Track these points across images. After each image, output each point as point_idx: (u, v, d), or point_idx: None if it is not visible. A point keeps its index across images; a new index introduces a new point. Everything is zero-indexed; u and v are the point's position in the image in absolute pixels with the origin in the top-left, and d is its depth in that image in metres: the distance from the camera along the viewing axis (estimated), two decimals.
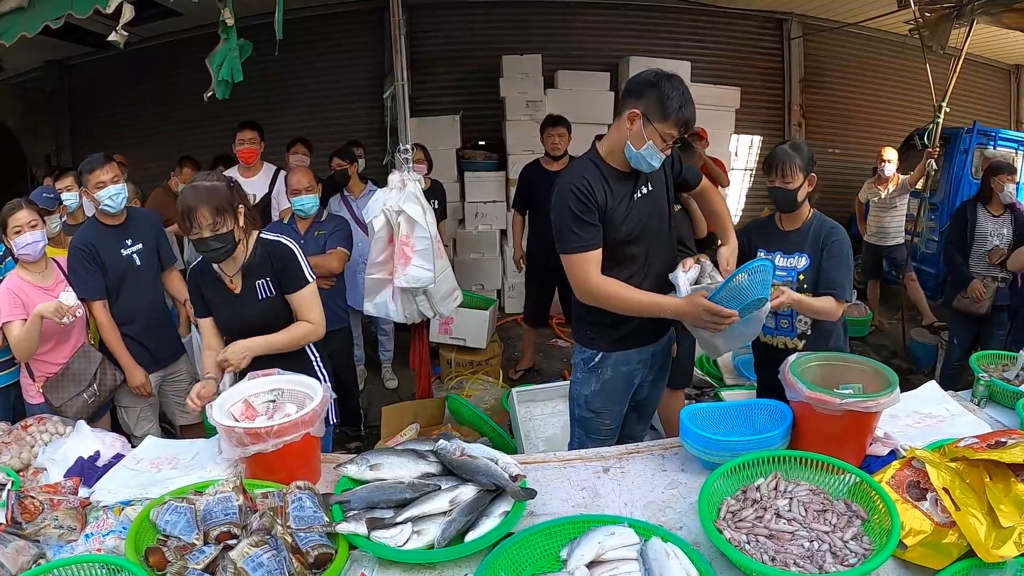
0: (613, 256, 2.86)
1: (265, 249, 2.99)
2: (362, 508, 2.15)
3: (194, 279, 3.07)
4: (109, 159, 3.74)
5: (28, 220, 3.49)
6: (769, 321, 3.32)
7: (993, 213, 5.27)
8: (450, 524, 2.08)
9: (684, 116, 2.68)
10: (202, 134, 8.42)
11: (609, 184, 2.81)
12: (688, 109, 2.69)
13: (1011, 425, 2.71)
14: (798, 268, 3.22)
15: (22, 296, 3.48)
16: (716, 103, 8.92)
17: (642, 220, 2.89)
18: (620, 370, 3.05)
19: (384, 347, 6.42)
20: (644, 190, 2.91)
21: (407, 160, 4.35)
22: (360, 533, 2.02)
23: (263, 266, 2.97)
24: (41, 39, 3.83)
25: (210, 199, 2.76)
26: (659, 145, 2.70)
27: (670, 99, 2.66)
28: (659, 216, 2.99)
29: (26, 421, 3.01)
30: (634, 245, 2.90)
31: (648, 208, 2.93)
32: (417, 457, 2.38)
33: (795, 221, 3.30)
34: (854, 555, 1.89)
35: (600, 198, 2.77)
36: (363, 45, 9.13)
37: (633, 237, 2.87)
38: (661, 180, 2.99)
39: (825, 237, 3.20)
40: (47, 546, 2.11)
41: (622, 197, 2.83)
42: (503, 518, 2.12)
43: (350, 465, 2.34)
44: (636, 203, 2.88)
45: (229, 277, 2.98)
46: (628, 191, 2.86)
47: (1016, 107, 11.22)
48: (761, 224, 3.49)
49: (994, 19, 6.25)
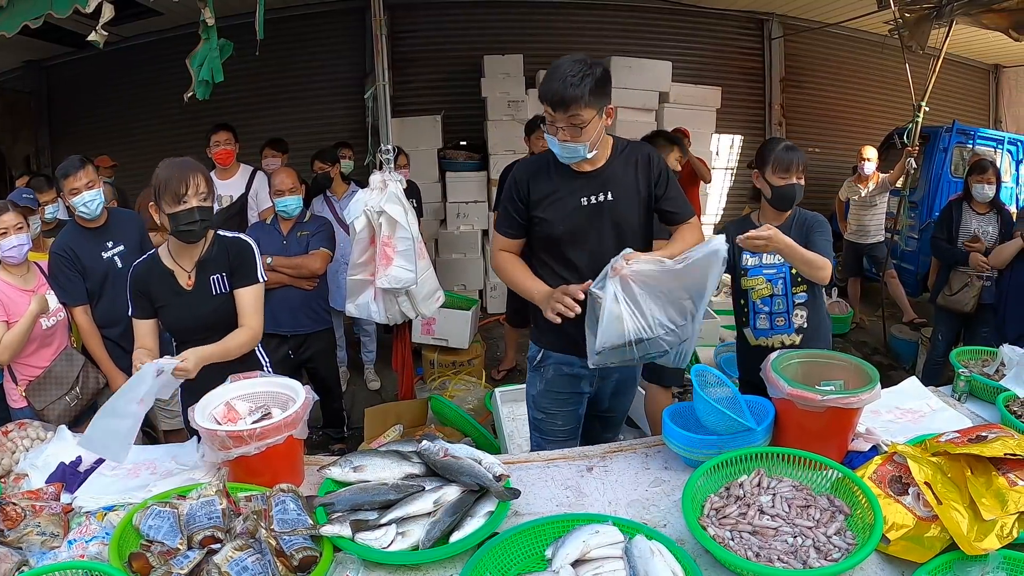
0: (551, 253, 2.86)
1: (222, 244, 2.94)
2: (346, 510, 2.14)
3: (139, 278, 2.92)
4: (84, 163, 3.67)
5: (14, 223, 3.45)
6: (763, 322, 3.34)
7: (978, 212, 5.32)
8: (434, 525, 2.06)
9: (545, 93, 2.59)
10: (183, 134, 8.37)
11: (555, 180, 2.77)
12: (549, 83, 2.57)
13: (991, 420, 2.73)
14: (787, 264, 3.24)
15: (3, 298, 3.46)
16: (697, 103, 8.97)
17: (587, 227, 2.80)
18: (563, 370, 2.97)
19: (367, 348, 6.41)
20: (600, 198, 2.79)
21: (389, 161, 4.34)
22: (344, 535, 2.00)
23: (219, 261, 2.90)
24: (20, 39, 3.80)
25: (203, 169, 2.77)
26: (551, 132, 2.64)
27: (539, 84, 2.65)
28: (614, 229, 2.82)
29: (7, 427, 2.98)
30: (573, 248, 2.82)
31: (601, 217, 2.80)
32: (401, 458, 2.37)
33: (776, 219, 3.30)
34: (838, 550, 1.90)
35: (535, 192, 2.78)
36: (344, 45, 9.11)
37: (570, 239, 2.80)
38: (632, 195, 2.84)
39: (810, 226, 3.26)
40: (30, 553, 2.09)
41: (565, 196, 2.77)
42: (487, 518, 2.11)
43: (333, 467, 2.33)
44: (584, 208, 2.78)
45: (186, 272, 2.89)
46: (576, 192, 2.77)
47: (995, 106, 11.32)
48: (741, 225, 3.41)
49: (973, 19, 6.30)
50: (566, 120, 2.58)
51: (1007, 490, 2.01)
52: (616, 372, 3.04)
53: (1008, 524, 1.91)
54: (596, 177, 2.78)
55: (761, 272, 3.32)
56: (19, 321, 3.44)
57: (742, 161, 10.03)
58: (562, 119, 2.58)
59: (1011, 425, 2.54)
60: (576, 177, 2.77)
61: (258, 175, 5.56)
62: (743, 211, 9.91)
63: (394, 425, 4.45)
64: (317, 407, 2.59)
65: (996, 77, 11.28)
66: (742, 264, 3.35)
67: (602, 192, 2.78)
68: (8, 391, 3.67)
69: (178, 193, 2.69)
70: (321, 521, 2.06)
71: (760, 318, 3.35)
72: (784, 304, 3.28)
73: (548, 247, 2.86)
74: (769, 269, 3.29)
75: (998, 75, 11.26)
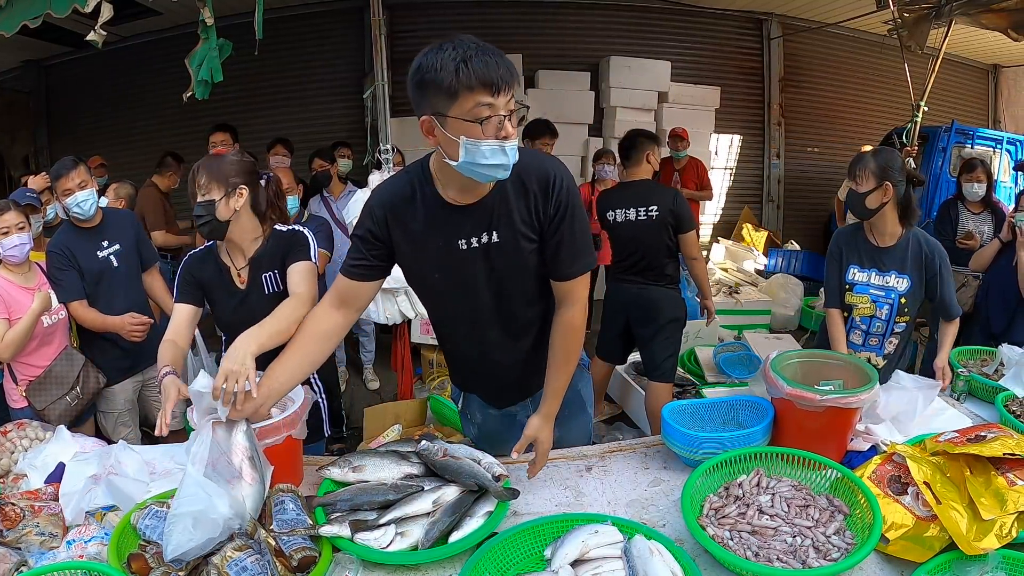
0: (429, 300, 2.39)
1: (277, 239, 2.80)
2: (345, 510, 2.13)
3: (192, 266, 2.81)
4: (77, 163, 3.68)
5: (16, 222, 3.45)
6: (857, 337, 3.35)
7: (973, 211, 5.34)
8: (433, 525, 2.05)
9: (476, 74, 1.79)
10: (182, 134, 8.36)
11: (421, 213, 2.12)
12: (477, 62, 1.78)
13: (990, 419, 2.73)
14: (899, 290, 3.22)
15: (6, 296, 3.46)
16: (697, 103, 9.00)
17: (470, 279, 2.19)
18: (489, 412, 2.60)
19: (365, 348, 6.40)
20: (482, 239, 2.11)
21: (388, 160, 4.34)
22: (343, 535, 2.00)
23: (272, 257, 2.76)
24: (18, 38, 3.80)
25: (208, 163, 2.68)
26: (479, 133, 1.85)
27: (441, 70, 1.80)
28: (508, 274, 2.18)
29: (6, 427, 2.97)
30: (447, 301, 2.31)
31: (485, 265, 2.16)
32: (400, 458, 2.36)
33: (888, 236, 3.26)
34: (837, 549, 1.89)
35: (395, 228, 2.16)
36: (343, 45, 9.11)
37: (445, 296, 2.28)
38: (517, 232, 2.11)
39: (929, 259, 3.19)
40: (28, 553, 2.08)
41: (436, 236, 2.13)
42: (487, 518, 2.10)
43: (333, 468, 2.31)
44: (463, 253, 2.13)
45: (236, 270, 2.80)
46: (452, 232, 2.11)
47: (993, 106, 11.33)
48: (850, 234, 3.39)
49: (972, 19, 6.32)
50: (507, 106, 1.87)
51: (1006, 490, 2.01)
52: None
53: (1007, 524, 1.91)
54: (476, 212, 2.10)
55: (868, 291, 3.29)
56: (22, 319, 3.44)
57: (741, 161, 10.04)
58: (504, 104, 1.86)
59: (1010, 425, 2.54)
60: (449, 213, 2.11)
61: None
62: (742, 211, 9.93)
63: (393, 425, 4.44)
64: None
65: (995, 77, 11.29)
66: (848, 277, 3.33)
67: (486, 232, 2.11)
68: (8, 391, 3.67)
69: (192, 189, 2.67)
70: (321, 521, 2.05)
71: (855, 333, 3.37)
72: (884, 328, 3.30)
73: (432, 304, 2.40)
74: (877, 291, 3.26)
75: (997, 75, 11.27)
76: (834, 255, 3.39)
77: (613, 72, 8.74)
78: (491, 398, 2.57)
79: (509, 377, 2.45)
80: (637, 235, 4.50)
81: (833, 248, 3.42)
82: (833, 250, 3.41)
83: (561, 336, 2.24)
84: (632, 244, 4.58)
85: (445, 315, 2.40)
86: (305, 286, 2.60)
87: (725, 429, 2.61)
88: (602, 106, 9.05)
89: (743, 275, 7.91)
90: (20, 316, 3.45)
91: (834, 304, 3.39)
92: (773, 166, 10.13)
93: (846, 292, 3.34)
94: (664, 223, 4.45)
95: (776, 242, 9.27)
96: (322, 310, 2.29)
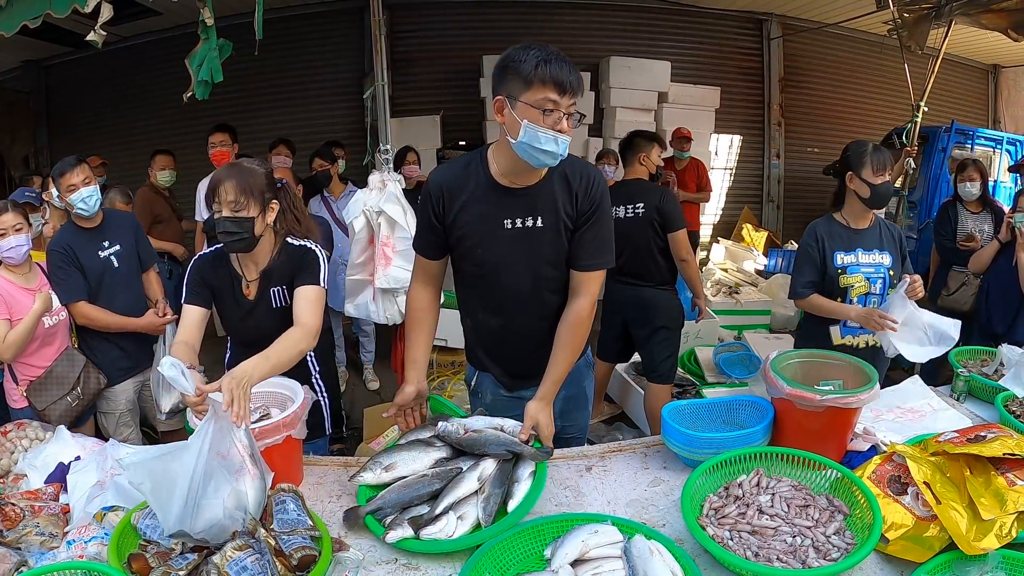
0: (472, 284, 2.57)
1: (288, 253, 2.75)
2: (396, 511, 2.13)
3: (202, 268, 2.76)
4: (80, 161, 3.69)
5: (13, 223, 3.44)
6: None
7: (972, 211, 5.34)
8: (488, 500, 2.11)
9: (551, 73, 2.13)
10: (182, 134, 8.36)
11: (476, 194, 2.39)
12: (555, 65, 2.13)
13: (990, 419, 2.73)
14: (885, 264, 3.40)
15: (7, 297, 3.46)
16: (696, 103, 9.00)
17: (510, 257, 2.43)
18: (501, 394, 2.74)
19: (365, 348, 6.40)
20: (527, 222, 2.38)
21: (387, 161, 4.34)
22: (408, 536, 2.01)
23: (281, 272, 2.74)
24: (18, 39, 3.80)
25: (239, 177, 2.57)
26: (540, 120, 2.16)
27: (524, 62, 2.15)
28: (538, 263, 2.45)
29: (6, 427, 2.97)
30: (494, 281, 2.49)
31: (526, 247, 2.41)
32: (425, 446, 2.36)
33: (865, 220, 3.44)
34: (837, 549, 1.89)
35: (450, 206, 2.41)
36: (343, 45, 9.12)
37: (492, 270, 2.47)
38: (558, 220, 2.40)
39: (899, 236, 3.47)
40: (29, 553, 2.08)
41: (488, 215, 2.39)
42: (533, 478, 2.20)
43: (364, 473, 2.29)
44: (508, 232, 2.39)
45: (247, 281, 2.77)
46: (501, 212, 2.39)
47: (993, 106, 11.33)
48: (824, 225, 3.52)
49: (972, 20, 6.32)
50: (569, 108, 2.20)
51: (1006, 490, 2.01)
52: (563, 390, 2.58)
53: (1007, 524, 1.91)
54: (526, 196, 2.38)
55: (860, 270, 3.41)
56: (23, 319, 3.44)
57: (741, 161, 10.04)
58: (566, 105, 2.19)
59: (1010, 425, 2.54)
60: (502, 194, 2.39)
61: None
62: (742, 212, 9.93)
63: (393, 425, 4.44)
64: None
65: (995, 77, 11.30)
66: (836, 263, 3.42)
67: (530, 216, 2.39)
68: (8, 391, 3.67)
69: (211, 201, 2.62)
70: (378, 532, 2.05)
71: None
72: (879, 302, 3.35)
73: (468, 276, 2.56)
74: (868, 268, 3.40)
75: (997, 75, 11.27)
76: (812, 246, 3.47)
77: (613, 72, 8.74)
78: (507, 377, 2.70)
79: (529, 357, 2.57)
80: (626, 232, 4.48)
81: (810, 240, 3.49)
82: (810, 242, 3.48)
83: (569, 325, 2.45)
84: (622, 242, 4.56)
85: (482, 291, 2.55)
86: (311, 317, 2.58)
87: (725, 429, 2.61)
88: (602, 106, 9.06)
89: (743, 275, 7.91)
90: (21, 317, 3.45)
91: (809, 289, 3.47)
92: (773, 166, 10.14)
93: (840, 276, 3.41)
94: (650, 220, 4.46)
95: (776, 242, 9.28)
96: (416, 291, 2.62)
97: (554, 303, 2.51)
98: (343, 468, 2.57)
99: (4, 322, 3.43)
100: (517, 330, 2.57)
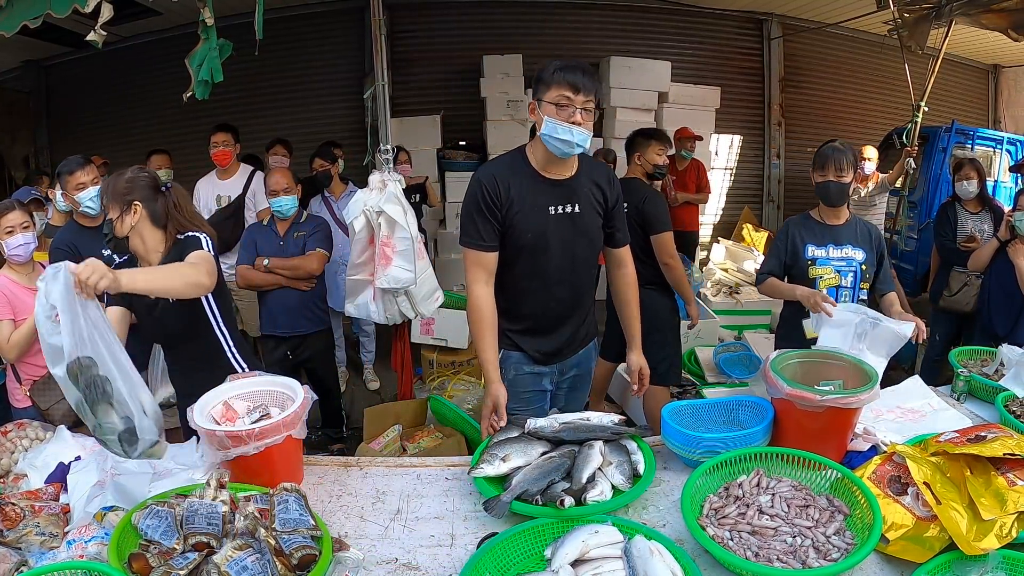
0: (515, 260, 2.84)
1: (177, 247, 2.86)
2: (540, 490, 2.22)
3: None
4: (88, 161, 3.73)
5: (20, 221, 3.46)
6: None
7: (971, 211, 5.34)
8: (622, 465, 2.34)
9: (565, 76, 2.56)
10: (182, 134, 8.37)
11: (524, 185, 2.74)
12: (572, 71, 2.57)
13: (990, 419, 2.74)
14: (857, 260, 3.47)
15: (10, 296, 3.46)
16: (697, 103, 8.99)
17: (554, 238, 2.80)
18: (523, 369, 3.01)
19: (366, 348, 6.41)
20: (568, 208, 2.80)
21: (388, 160, 4.34)
22: (571, 505, 2.15)
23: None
24: (18, 38, 3.79)
25: (105, 183, 2.88)
26: (558, 115, 2.59)
27: (546, 69, 2.61)
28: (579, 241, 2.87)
29: (6, 427, 2.98)
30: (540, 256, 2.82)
31: (568, 229, 2.83)
32: (526, 442, 2.46)
33: (838, 217, 3.55)
34: (837, 550, 1.90)
35: (505, 196, 2.72)
36: (344, 45, 9.11)
37: (540, 248, 2.80)
38: (593, 210, 2.87)
39: (877, 238, 3.54)
40: (29, 553, 2.08)
41: (535, 203, 2.75)
42: (641, 451, 2.43)
43: (484, 466, 2.34)
44: (552, 217, 2.78)
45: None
46: (545, 200, 2.77)
47: (994, 106, 11.33)
48: (800, 221, 3.64)
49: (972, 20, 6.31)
50: (583, 104, 2.58)
51: (1006, 490, 2.01)
52: (574, 368, 3.14)
53: (1007, 524, 1.91)
54: (565, 186, 2.79)
55: (830, 263, 3.49)
56: (27, 319, 3.44)
57: (741, 161, 10.04)
58: (580, 102, 2.58)
59: (1010, 425, 2.55)
60: (545, 184, 2.78)
61: (256, 176, 5.55)
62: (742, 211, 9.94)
63: (393, 425, 4.45)
64: (316, 407, 2.59)
65: (995, 77, 11.29)
66: (807, 255, 3.51)
67: (569, 203, 2.80)
68: (11, 391, 3.67)
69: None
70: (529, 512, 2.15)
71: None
72: (850, 295, 3.43)
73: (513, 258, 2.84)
74: (839, 262, 3.48)
75: (997, 75, 11.27)
76: (781, 240, 3.63)
77: (613, 72, 8.73)
78: (537, 352, 3.00)
79: (565, 331, 3.02)
80: None
81: (780, 235, 3.67)
82: (780, 236, 3.66)
83: (630, 286, 3.12)
84: None
85: (529, 271, 2.85)
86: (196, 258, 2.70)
87: (725, 429, 2.61)
88: (602, 106, 9.02)
89: (743, 275, 7.90)
90: (25, 317, 3.45)
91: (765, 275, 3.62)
92: (773, 166, 10.14)
93: (809, 267, 3.50)
94: (631, 220, 4.44)
95: None
96: (480, 290, 2.78)
97: (587, 281, 3.01)
98: (343, 468, 2.57)
99: (8, 322, 3.43)
100: (557, 307, 2.94)
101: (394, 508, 2.34)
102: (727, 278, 7.89)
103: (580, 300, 3.00)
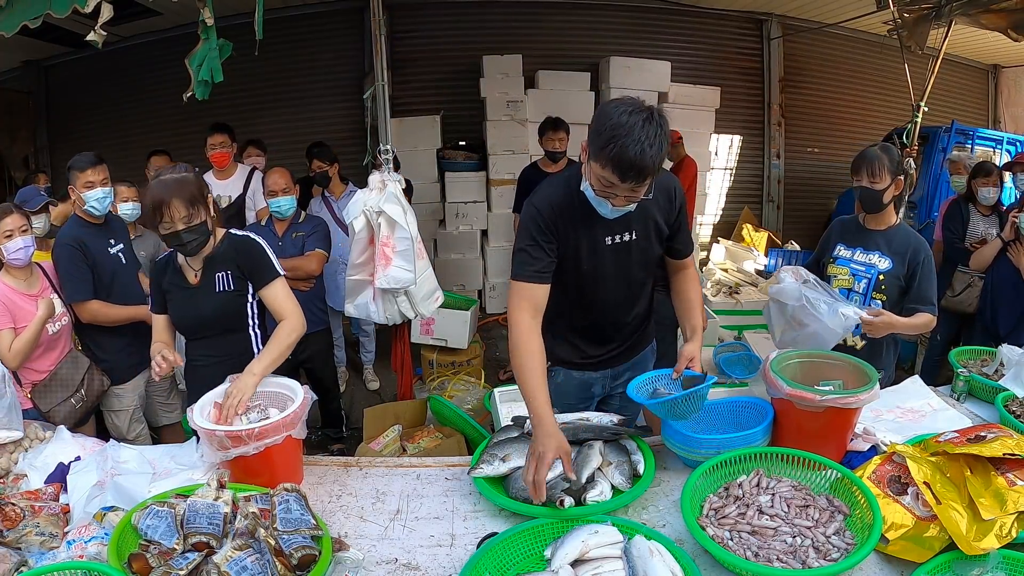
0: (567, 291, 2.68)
1: (232, 242, 2.95)
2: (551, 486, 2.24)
3: (157, 272, 3.02)
4: (100, 160, 3.73)
5: (18, 225, 3.43)
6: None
7: (983, 213, 5.33)
8: (621, 466, 2.37)
9: (614, 155, 2.17)
10: (182, 134, 8.34)
11: (580, 215, 2.51)
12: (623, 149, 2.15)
13: (990, 419, 2.74)
14: (878, 267, 3.31)
15: (9, 305, 3.44)
16: (696, 103, 8.96)
17: (609, 268, 2.65)
18: (573, 376, 2.98)
19: (365, 348, 6.41)
20: (625, 237, 2.61)
21: (387, 161, 4.34)
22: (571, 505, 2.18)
23: (226, 259, 2.91)
24: (18, 39, 3.79)
25: (181, 191, 2.72)
26: (597, 188, 2.33)
27: (602, 133, 2.20)
28: (634, 269, 2.71)
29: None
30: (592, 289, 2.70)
31: (625, 257, 2.66)
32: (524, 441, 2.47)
33: (879, 222, 3.39)
34: (837, 550, 1.90)
35: (562, 226, 2.52)
36: (343, 45, 9.08)
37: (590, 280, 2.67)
38: (652, 232, 2.67)
39: (915, 251, 3.28)
40: (29, 553, 2.08)
41: (591, 234, 2.56)
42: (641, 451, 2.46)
43: (483, 466, 2.37)
44: (609, 248, 2.61)
45: (193, 270, 2.93)
46: (602, 231, 2.56)
47: (993, 106, 11.32)
48: (847, 221, 3.56)
49: (972, 20, 6.31)
50: (627, 192, 2.29)
51: (1006, 490, 2.02)
52: (628, 371, 2.96)
53: (1007, 524, 1.91)
54: (622, 216, 2.47)
55: (848, 265, 3.42)
56: (27, 327, 3.43)
57: (741, 161, 10.04)
58: (624, 190, 2.28)
59: (1010, 425, 2.55)
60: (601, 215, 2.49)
61: (256, 175, 5.53)
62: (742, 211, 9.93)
63: (393, 425, 4.45)
64: (316, 407, 2.59)
65: (995, 77, 11.28)
66: (833, 252, 3.48)
67: (627, 232, 2.59)
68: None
69: (159, 221, 2.74)
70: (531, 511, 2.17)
71: None
72: (860, 301, 3.32)
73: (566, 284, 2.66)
74: (858, 266, 3.39)
75: (997, 75, 11.26)
76: (826, 234, 3.59)
77: (613, 72, 8.72)
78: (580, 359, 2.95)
79: (622, 346, 2.95)
80: None
81: (827, 232, 3.60)
82: (827, 234, 3.59)
83: (692, 285, 2.91)
84: None
85: (587, 298, 2.75)
86: (290, 305, 2.90)
87: (725, 429, 2.61)
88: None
89: (743, 275, 7.90)
90: (25, 324, 3.44)
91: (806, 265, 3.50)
92: (773, 166, 10.12)
93: (828, 264, 3.48)
94: None
95: (776, 242, 9.26)
96: (528, 326, 2.50)
97: (642, 297, 2.88)
98: (343, 468, 2.57)
99: (9, 331, 3.41)
100: (609, 327, 2.87)
101: (394, 508, 2.34)
102: (727, 278, 7.88)
103: (635, 317, 2.90)
